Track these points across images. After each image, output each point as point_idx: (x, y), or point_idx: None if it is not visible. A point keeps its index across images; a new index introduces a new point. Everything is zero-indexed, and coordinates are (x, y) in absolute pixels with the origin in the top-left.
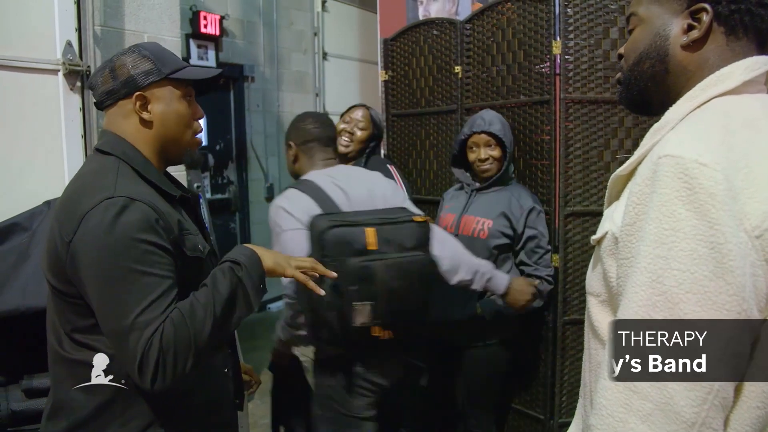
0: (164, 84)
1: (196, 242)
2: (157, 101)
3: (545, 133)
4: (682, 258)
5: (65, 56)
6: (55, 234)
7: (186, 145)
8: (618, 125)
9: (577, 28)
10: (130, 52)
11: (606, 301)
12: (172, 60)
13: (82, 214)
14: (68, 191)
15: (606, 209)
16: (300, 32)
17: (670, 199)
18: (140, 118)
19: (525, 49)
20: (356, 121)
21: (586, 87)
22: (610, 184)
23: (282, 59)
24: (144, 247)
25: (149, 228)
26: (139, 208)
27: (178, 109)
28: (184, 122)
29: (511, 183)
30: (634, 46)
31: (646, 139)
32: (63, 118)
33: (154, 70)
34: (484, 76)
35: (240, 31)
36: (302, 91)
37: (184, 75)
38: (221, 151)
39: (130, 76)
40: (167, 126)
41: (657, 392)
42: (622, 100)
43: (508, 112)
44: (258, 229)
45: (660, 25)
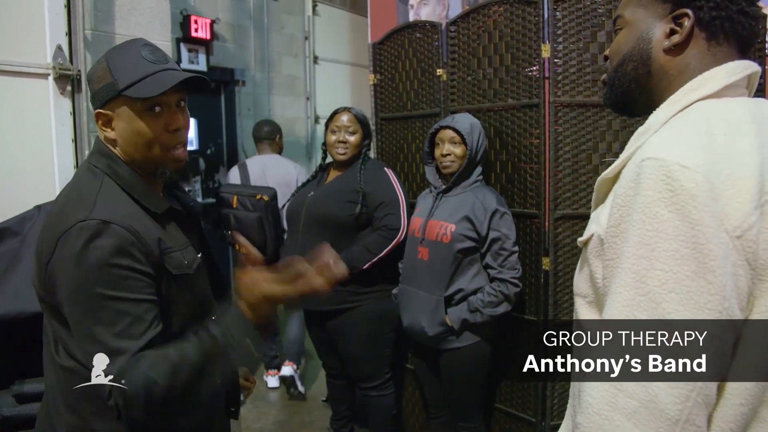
0: (120, 101)
1: (182, 259)
2: (118, 118)
3: (534, 136)
4: (664, 258)
5: (55, 60)
6: (39, 251)
7: (158, 163)
8: (606, 128)
9: (566, 32)
10: (101, 60)
11: (593, 302)
12: (136, 70)
13: (58, 236)
14: (56, 205)
15: (593, 212)
16: (291, 36)
17: (653, 201)
18: (105, 136)
19: (513, 52)
20: (344, 127)
21: (575, 90)
22: (597, 187)
23: (273, 63)
24: (117, 272)
25: (123, 252)
26: (114, 232)
27: (137, 128)
28: (146, 140)
29: (477, 185)
30: (619, 48)
31: (631, 142)
32: (53, 122)
33: (109, 87)
34: (470, 79)
35: (231, 35)
36: (293, 95)
37: (138, 93)
38: (212, 155)
39: (95, 91)
40: (130, 144)
41: (641, 390)
42: (607, 100)
43: (495, 115)
44: None
45: (644, 29)
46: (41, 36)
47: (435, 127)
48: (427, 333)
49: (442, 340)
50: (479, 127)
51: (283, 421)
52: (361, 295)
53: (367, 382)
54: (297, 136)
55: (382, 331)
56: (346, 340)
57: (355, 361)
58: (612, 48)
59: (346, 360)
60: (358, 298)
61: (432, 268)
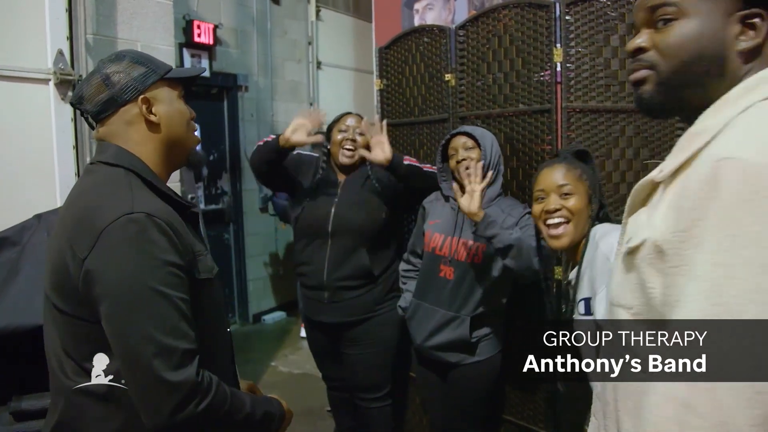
0: (161, 85)
1: (208, 263)
2: (159, 102)
3: (546, 142)
4: (745, 266)
5: (56, 65)
6: (64, 251)
7: (191, 144)
8: (620, 134)
9: (578, 36)
10: (119, 59)
11: (640, 313)
12: (160, 62)
13: (99, 230)
14: (76, 206)
15: (630, 217)
16: (294, 41)
17: (733, 204)
18: (147, 122)
19: (523, 56)
20: (353, 127)
21: (588, 96)
22: (637, 190)
23: (276, 68)
24: (168, 269)
25: (171, 248)
26: (160, 226)
27: (179, 108)
28: (186, 121)
29: (500, 198)
30: (682, 44)
31: (684, 142)
32: (54, 128)
33: (151, 72)
34: (480, 84)
35: (234, 40)
36: (296, 101)
37: (177, 74)
38: (215, 161)
39: (130, 79)
40: (173, 126)
41: (714, 410)
42: (650, 102)
43: (506, 120)
44: (252, 240)
45: (714, 26)
46: (42, 40)
47: (445, 138)
48: (442, 350)
49: (454, 356)
50: (491, 134)
51: None
52: (381, 305)
53: (371, 392)
54: None
55: (394, 340)
56: (362, 349)
57: (366, 369)
58: (667, 41)
59: (356, 368)
60: (378, 307)
61: (458, 287)
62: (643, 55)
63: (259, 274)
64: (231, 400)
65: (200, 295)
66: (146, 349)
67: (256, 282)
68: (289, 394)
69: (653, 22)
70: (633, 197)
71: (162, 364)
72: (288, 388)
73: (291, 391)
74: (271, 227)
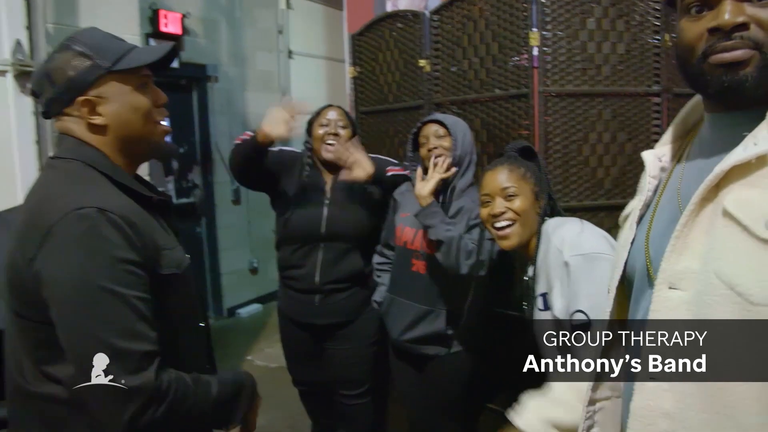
0: (109, 79)
1: (173, 257)
2: (106, 101)
3: (523, 128)
4: None
5: (14, 56)
6: (16, 251)
7: (154, 139)
8: (596, 118)
9: (555, 19)
10: (63, 49)
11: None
12: (114, 47)
13: (46, 228)
14: (29, 203)
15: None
16: (264, 30)
17: None
18: (90, 125)
19: (499, 41)
20: (335, 120)
21: (564, 80)
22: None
23: (246, 58)
24: (122, 266)
25: (126, 244)
26: (113, 221)
27: (133, 103)
28: (144, 115)
29: (472, 188)
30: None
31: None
32: (13, 122)
33: (93, 67)
34: (455, 69)
35: (202, 29)
36: (268, 91)
37: (130, 63)
38: (185, 154)
39: (68, 79)
40: (126, 125)
41: None
42: (754, 86)
43: (482, 106)
44: (225, 233)
45: None
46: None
47: (417, 125)
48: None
49: (431, 348)
50: (464, 123)
51: (262, 426)
52: (369, 304)
53: (353, 388)
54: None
55: (375, 336)
56: (343, 345)
57: (347, 366)
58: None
59: (337, 365)
60: (367, 307)
61: (432, 281)
62: (746, 32)
63: (233, 267)
64: (195, 390)
65: (166, 292)
66: (99, 351)
67: (230, 275)
68: (266, 387)
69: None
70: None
71: (117, 369)
72: (265, 382)
73: (268, 385)
74: (244, 219)
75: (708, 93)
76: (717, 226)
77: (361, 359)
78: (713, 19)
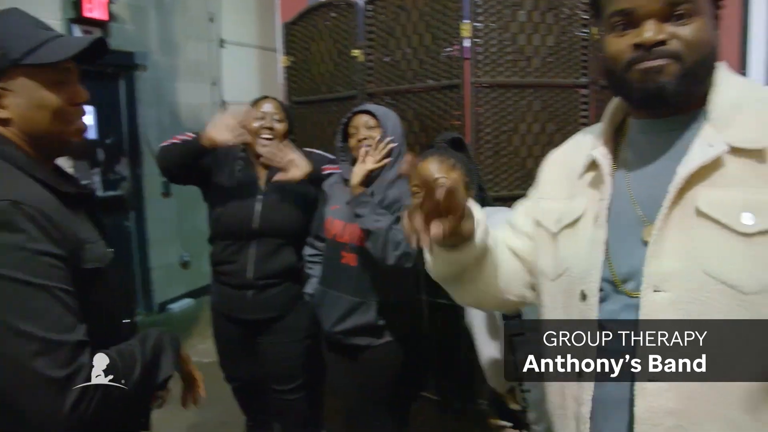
0: (17, 72)
1: (96, 251)
2: (11, 94)
3: (455, 118)
4: None
5: None
6: None
7: (64, 138)
8: (526, 109)
9: (486, 11)
10: None
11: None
12: (29, 36)
13: None
14: None
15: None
16: (195, 18)
17: None
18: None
19: (432, 31)
20: (270, 113)
21: (495, 71)
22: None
23: (176, 47)
24: (42, 258)
25: (44, 237)
26: (29, 215)
27: (39, 100)
28: (52, 113)
29: (401, 180)
30: (702, 38)
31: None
32: None
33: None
34: (388, 60)
35: (130, 15)
36: (199, 81)
37: (42, 58)
38: (112, 145)
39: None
40: (29, 121)
41: None
42: (675, 91)
43: (415, 97)
44: (155, 226)
45: (710, 23)
46: None
47: (347, 115)
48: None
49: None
50: (394, 114)
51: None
52: (302, 298)
53: (287, 383)
54: (203, 123)
55: (309, 330)
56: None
57: (281, 360)
58: (693, 35)
59: (270, 360)
60: (300, 301)
61: (362, 273)
62: (666, 46)
63: (163, 262)
64: (124, 361)
65: (89, 287)
66: (25, 349)
67: (160, 270)
68: None
69: (669, 15)
70: (686, 177)
71: (47, 362)
72: None
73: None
74: (174, 212)
75: (632, 99)
76: (693, 227)
77: (294, 354)
78: (636, 36)
